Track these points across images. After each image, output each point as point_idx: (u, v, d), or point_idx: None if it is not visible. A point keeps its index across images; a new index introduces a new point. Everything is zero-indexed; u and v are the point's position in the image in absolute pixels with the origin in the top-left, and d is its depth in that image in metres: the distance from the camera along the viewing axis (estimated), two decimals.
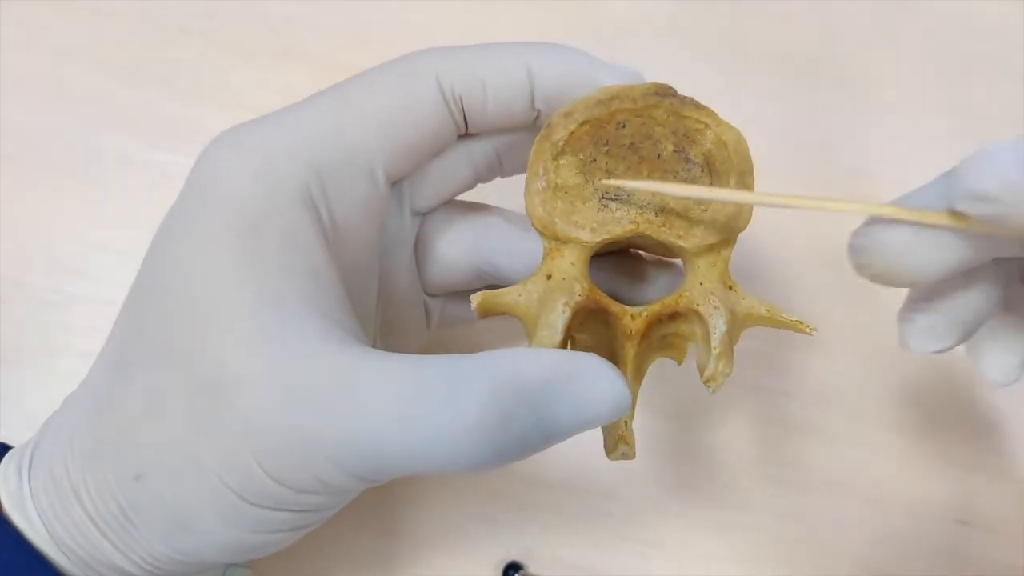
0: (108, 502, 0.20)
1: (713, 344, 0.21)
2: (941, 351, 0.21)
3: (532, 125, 0.23)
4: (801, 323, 0.22)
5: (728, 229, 0.21)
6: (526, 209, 0.21)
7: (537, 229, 0.21)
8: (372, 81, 0.22)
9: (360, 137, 0.21)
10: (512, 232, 0.24)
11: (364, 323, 0.23)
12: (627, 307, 0.21)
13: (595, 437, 0.30)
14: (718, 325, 0.21)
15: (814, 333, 0.22)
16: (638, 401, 0.22)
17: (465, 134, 0.23)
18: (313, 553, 0.28)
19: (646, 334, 0.22)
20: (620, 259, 0.24)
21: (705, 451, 0.31)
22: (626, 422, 0.21)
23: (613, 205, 0.21)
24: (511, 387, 0.18)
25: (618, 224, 0.21)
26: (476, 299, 0.21)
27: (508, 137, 0.24)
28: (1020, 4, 0.38)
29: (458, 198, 0.25)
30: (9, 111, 0.33)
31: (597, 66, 0.22)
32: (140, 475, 0.19)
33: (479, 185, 0.25)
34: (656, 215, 0.21)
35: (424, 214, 0.25)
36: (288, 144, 0.21)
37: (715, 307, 0.21)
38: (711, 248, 0.21)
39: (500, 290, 0.21)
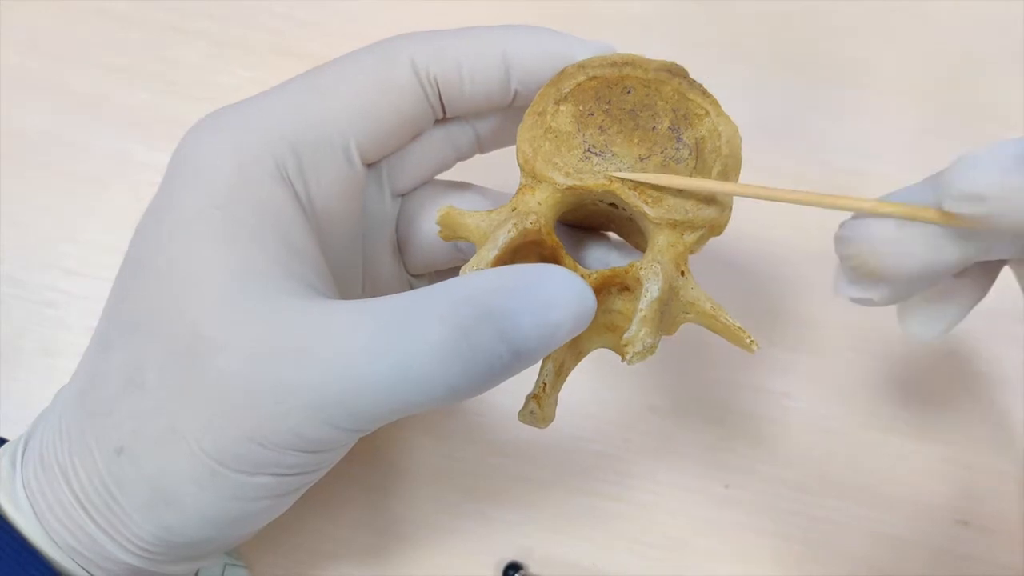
0: (93, 479, 0.20)
1: (640, 305, 0.20)
2: (936, 337, 0.22)
3: (510, 106, 0.23)
4: (743, 331, 0.21)
5: (699, 213, 0.21)
6: (516, 141, 0.22)
7: (519, 162, 0.22)
8: (346, 64, 0.22)
9: (333, 116, 0.22)
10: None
11: None
12: (580, 266, 0.21)
13: (594, 436, 0.31)
14: (651, 289, 0.20)
15: (755, 348, 0.21)
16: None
17: (443, 118, 0.24)
18: (313, 553, 0.28)
19: None
20: (593, 236, 0.25)
21: (705, 451, 0.31)
22: (546, 384, 0.21)
23: (595, 159, 0.21)
24: (468, 300, 0.18)
25: (593, 176, 0.21)
26: (441, 211, 0.21)
27: (487, 118, 0.24)
28: (1019, 3, 0.38)
29: (438, 177, 0.26)
30: (9, 111, 0.33)
31: (571, 43, 0.22)
32: (121, 448, 0.19)
33: (459, 165, 0.26)
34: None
35: (404, 195, 0.25)
36: (263, 123, 0.21)
37: (655, 273, 0.20)
38: (675, 226, 0.21)
39: (465, 211, 0.21)
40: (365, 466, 0.29)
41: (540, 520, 0.29)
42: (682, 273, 0.21)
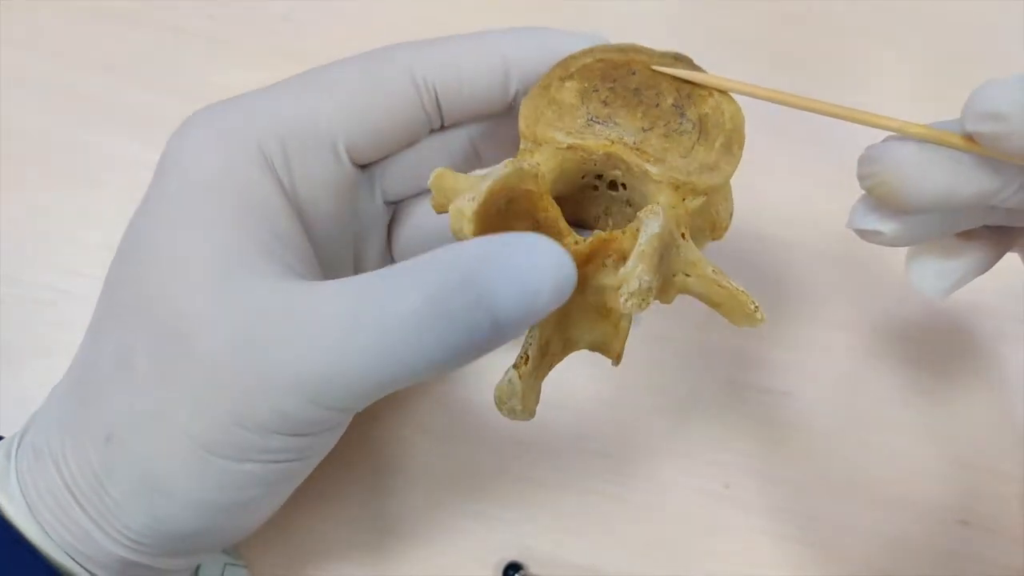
0: (83, 468, 0.20)
1: (640, 240, 0.19)
2: (944, 291, 0.23)
3: (509, 110, 0.23)
4: (746, 295, 0.20)
5: (700, 177, 0.21)
6: (520, 113, 0.22)
7: (520, 129, 0.21)
8: (340, 66, 0.23)
9: (323, 113, 0.22)
10: None
11: None
12: (574, 231, 0.21)
13: (595, 436, 0.30)
14: (651, 225, 0.19)
15: (759, 317, 0.20)
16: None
17: (441, 128, 0.24)
18: (313, 553, 0.28)
19: (584, 270, 0.20)
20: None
21: (705, 451, 0.31)
22: (528, 356, 0.20)
23: (597, 127, 0.21)
24: (445, 267, 0.18)
25: (594, 137, 0.21)
26: (434, 173, 0.20)
27: (484, 126, 0.24)
28: (1019, 3, 0.38)
29: None
30: (9, 111, 0.33)
31: (569, 38, 0.23)
32: (111, 435, 0.19)
33: None
34: (633, 142, 0.21)
35: (398, 203, 0.25)
36: (252, 116, 0.21)
37: (655, 213, 0.19)
38: (676, 187, 0.21)
39: (460, 175, 0.21)
40: (365, 466, 0.29)
41: (540, 520, 0.29)
42: (683, 236, 0.21)
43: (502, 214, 0.20)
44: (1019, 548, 0.30)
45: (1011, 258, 0.24)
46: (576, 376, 0.31)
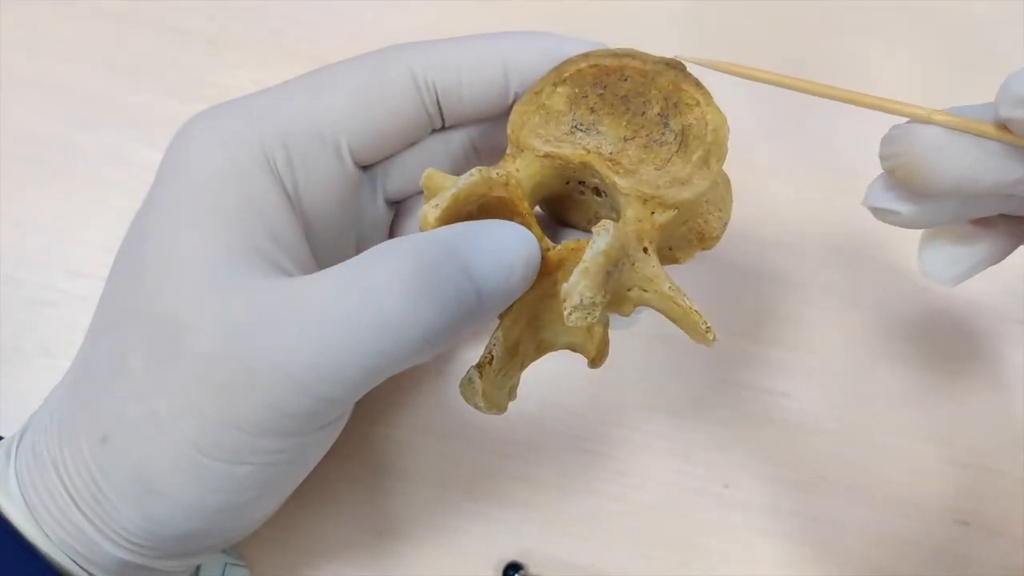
0: (80, 469, 0.20)
1: (585, 257, 0.19)
2: (955, 278, 0.22)
3: (509, 112, 0.23)
4: (699, 315, 0.20)
5: (669, 191, 0.21)
6: (510, 117, 0.22)
7: (507, 133, 0.22)
8: (342, 66, 0.23)
9: (325, 113, 0.22)
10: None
11: None
12: (546, 239, 0.21)
13: (594, 436, 0.30)
14: (598, 242, 0.19)
15: (711, 338, 0.20)
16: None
17: (442, 128, 0.24)
18: (313, 553, 0.28)
19: (554, 276, 0.21)
20: (579, 234, 0.25)
21: (705, 451, 0.31)
22: (492, 356, 0.20)
23: (579, 134, 0.22)
24: (431, 240, 0.19)
25: (572, 146, 0.22)
26: (425, 173, 0.21)
27: (485, 127, 0.24)
28: (1019, 3, 0.38)
29: None
30: (9, 111, 0.33)
31: (568, 43, 0.23)
32: (106, 437, 0.20)
33: None
34: (610, 152, 0.21)
35: (399, 202, 0.25)
36: (254, 117, 0.21)
37: (605, 229, 0.19)
38: (644, 201, 0.21)
39: (448, 175, 0.21)
40: (365, 466, 0.29)
41: (540, 520, 0.29)
42: (645, 250, 0.21)
43: (474, 217, 0.21)
44: (1019, 548, 0.30)
45: (1011, 258, 0.24)
46: (575, 377, 0.31)
